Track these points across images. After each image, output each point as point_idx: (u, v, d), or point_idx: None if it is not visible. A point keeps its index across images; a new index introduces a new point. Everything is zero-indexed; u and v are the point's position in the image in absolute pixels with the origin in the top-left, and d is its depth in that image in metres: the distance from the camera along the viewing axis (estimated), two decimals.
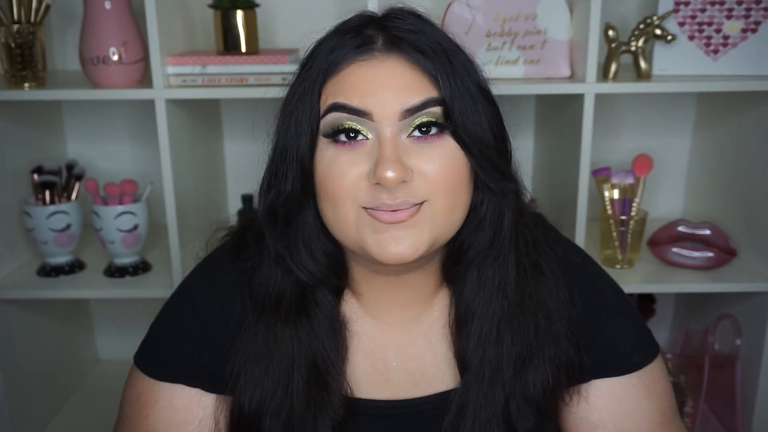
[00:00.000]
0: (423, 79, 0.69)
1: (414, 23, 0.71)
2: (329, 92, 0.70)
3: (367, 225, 0.70)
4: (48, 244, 1.42)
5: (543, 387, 0.78)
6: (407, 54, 0.69)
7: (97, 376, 1.77)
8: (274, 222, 0.76)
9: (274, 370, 0.77)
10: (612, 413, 0.81)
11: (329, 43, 0.72)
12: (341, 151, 0.70)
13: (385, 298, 0.81)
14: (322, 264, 0.77)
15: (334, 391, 0.78)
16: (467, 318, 0.79)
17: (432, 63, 0.69)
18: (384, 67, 0.69)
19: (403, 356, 0.82)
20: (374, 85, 0.68)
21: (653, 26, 1.34)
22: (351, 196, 0.69)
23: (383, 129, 0.68)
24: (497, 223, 0.75)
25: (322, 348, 0.78)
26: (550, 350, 0.78)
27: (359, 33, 0.71)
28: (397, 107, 0.68)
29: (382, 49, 0.70)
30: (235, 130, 1.67)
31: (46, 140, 1.59)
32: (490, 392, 0.78)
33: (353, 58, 0.70)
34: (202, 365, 0.80)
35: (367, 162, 0.69)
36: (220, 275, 0.83)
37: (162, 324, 0.84)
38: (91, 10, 1.31)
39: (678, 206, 1.73)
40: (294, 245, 0.76)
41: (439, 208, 0.70)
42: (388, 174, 0.66)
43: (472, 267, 0.78)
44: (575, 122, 1.33)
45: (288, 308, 0.78)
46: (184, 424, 0.80)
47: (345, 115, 0.69)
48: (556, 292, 0.80)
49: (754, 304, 1.44)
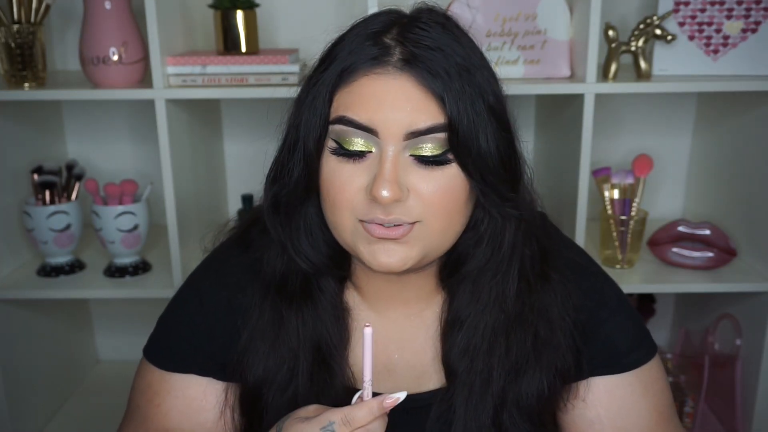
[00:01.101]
0: (431, 102, 0.69)
1: (436, 37, 0.70)
2: (341, 101, 0.71)
3: (361, 235, 0.72)
4: (48, 244, 1.42)
5: (538, 395, 0.78)
6: (420, 74, 0.69)
7: (97, 376, 1.77)
8: (277, 212, 0.77)
9: (280, 348, 0.79)
10: (609, 410, 0.81)
11: (349, 44, 0.72)
12: (344, 161, 0.71)
13: (386, 294, 0.82)
14: (323, 254, 0.78)
15: (337, 375, 0.79)
16: (454, 326, 0.79)
17: (443, 86, 0.68)
18: (395, 84, 0.69)
19: (405, 350, 0.83)
20: (383, 104, 0.69)
21: (653, 26, 1.34)
22: (349, 207, 0.71)
23: (386, 146, 0.69)
24: (496, 243, 0.76)
25: (326, 332, 0.79)
26: (548, 358, 0.78)
27: (379, 41, 0.70)
28: (402, 129, 0.68)
29: (396, 64, 0.69)
30: (235, 130, 1.67)
31: (46, 140, 1.59)
32: (480, 402, 0.78)
33: (368, 69, 0.70)
34: (212, 356, 0.81)
35: (367, 175, 0.70)
36: (227, 268, 0.84)
37: (170, 318, 0.85)
38: (91, 10, 1.31)
39: (678, 206, 1.73)
40: (296, 235, 0.77)
41: (432, 229, 0.71)
42: (383, 193, 0.67)
43: (467, 279, 0.78)
44: (575, 122, 1.33)
45: (293, 292, 0.79)
46: (199, 410, 0.82)
47: (351, 129, 0.69)
48: (561, 298, 0.80)
49: (754, 304, 1.44)
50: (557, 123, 1.49)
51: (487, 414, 0.78)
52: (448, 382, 0.81)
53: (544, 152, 1.60)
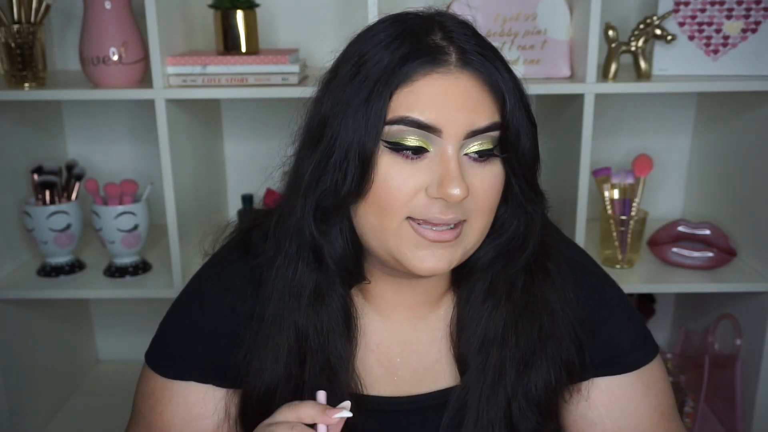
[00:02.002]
0: (490, 100, 0.70)
1: (477, 40, 0.72)
2: (401, 101, 0.69)
3: (409, 238, 0.71)
4: (48, 244, 1.42)
5: (545, 387, 0.79)
6: (480, 73, 0.70)
7: (97, 376, 1.77)
8: (316, 218, 0.74)
9: (286, 358, 0.78)
10: (610, 411, 0.81)
11: (399, 49, 0.69)
12: (401, 161, 0.69)
13: (393, 298, 0.82)
14: (351, 257, 0.76)
15: (342, 383, 0.78)
16: (471, 322, 0.80)
17: (504, 85, 0.70)
18: (457, 84, 0.69)
19: (408, 353, 0.83)
20: (447, 103, 0.69)
21: (653, 26, 1.34)
22: (404, 207, 0.70)
23: (447, 145, 0.69)
24: (520, 239, 0.77)
25: (336, 341, 0.78)
26: (552, 350, 0.79)
27: (430, 41, 0.70)
28: (465, 128, 0.69)
29: (456, 63, 0.70)
30: (235, 130, 1.67)
31: (46, 140, 1.59)
32: (493, 394, 0.78)
33: (429, 69, 0.69)
34: (213, 362, 0.81)
35: (425, 175, 0.69)
36: (229, 272, 0.83)
37: (172, 322, 0.85)
38: (91, 10, 1.31)
39: (678, 206, 1.73)
40: (333, 238, 0.75)
41: (475, 226, 0.72)
42: (456, 191, 0.67)
43: (483, 276, 0.79)
44: (575, 122, 1.33)
45: (307, 300, 0.78)
46: (198, 417, 0.81)
47: (413, 129, 0.69)
48: (561, 291, 0.81)
49: (754, 304, 1.44)
50: (557, 123, 1.48)
51: (499, 406, 0.78)
52: (462, 378, 0.80)
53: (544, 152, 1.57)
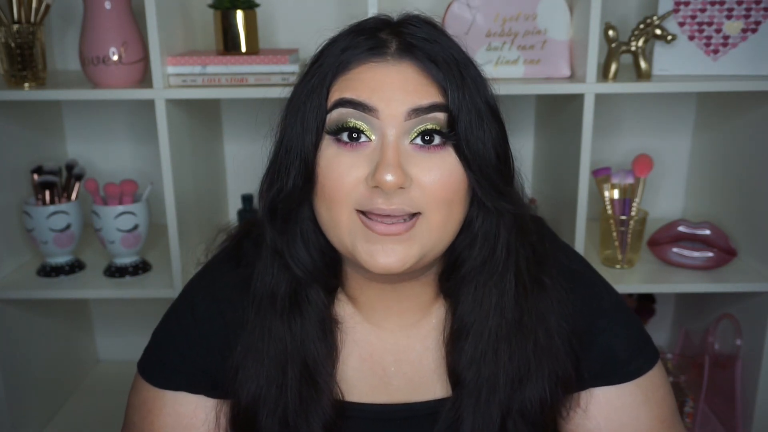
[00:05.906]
0: (432, 87, 0.69)
1: (429, 32, 0.72)
2: (337, 88, 0.70)
3: (360, 232, 0.70)
4: (48, 244, 1.42)
5: (541, 403, 0.78)
6: (419, 61, 0.69)
7: (97, 376, 1.77)
8: (274, 218, 0.76)
9: (269, 366, 0.77)
10: (609, 421, 0.80)
11: (342, 43, 0.72)
12: (342, 151, 0.69)
13: (381, 305, 0.80)
14: (317, 261, 0.76)
15: (323, 391, 0.77)
16: (461, 335, 0.78)
17: (443, 73, 0.69)
18: (395, 70, 0.69)
19: (401, 362, 0.82)
20: (383, 84, 0.68)
21: (653, 26, 1.34)
22: (347, 198, 0.69)
23: (387, 130, 0.68)
24: (491, 242, 0.75)
25: (313, 346, 0.78)
26: (548, 365, 0.77)
27: (374, 35, 0.71)
28: (403, 107, 0.68)
29: (395, 53, 0.70)
30: (235, 130, 1.67)
31: (46, 140, 1.59)
32: (486, 410, 0.77)
33: (366, 59, 0.70)
34: (204, 373, 0.80)
35: (367, 165, 0.68)
36: (220, 282, 0.83)
37: (164, 332, 0.84)
38: (91, 10, 1.31)
39: (678, 206, 1.73)
40: (292, 241, 0.76)
41: (432, 221, 0.70)
42: (388, 177, 0.66)
43: (467, 283, 0.77)
44: (575, 122, 1.33)
45: (282, 305, 0.78)
46: (189, 427, 0.81)
47: (351, 110, 0.68)
48: (557, 305, 0.79)
49: (754, 304, 1.44)
50: (557, 123, 1.49)
51: (494, 422, 0.77)
52: (454, 391, 0.79)
53: (544, 152, 1.59)
